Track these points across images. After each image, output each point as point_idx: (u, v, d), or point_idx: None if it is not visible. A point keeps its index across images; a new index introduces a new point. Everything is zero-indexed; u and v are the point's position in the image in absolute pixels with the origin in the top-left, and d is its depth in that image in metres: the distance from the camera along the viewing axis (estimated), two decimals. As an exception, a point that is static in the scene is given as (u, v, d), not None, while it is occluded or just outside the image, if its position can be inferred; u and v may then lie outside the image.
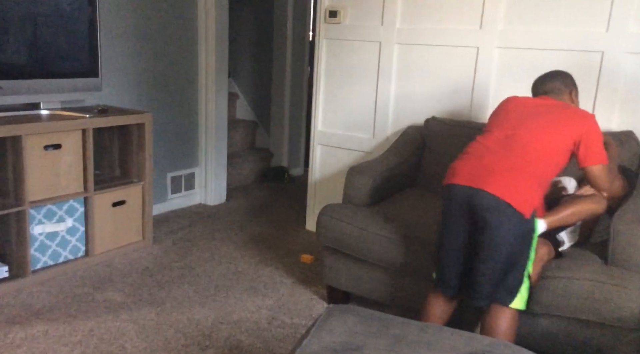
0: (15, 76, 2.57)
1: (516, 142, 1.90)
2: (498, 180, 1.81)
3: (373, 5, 3.10)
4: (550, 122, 1.93)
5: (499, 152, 1.89)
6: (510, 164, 1.85)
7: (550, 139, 1.90)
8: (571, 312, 1.92)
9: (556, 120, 1.93)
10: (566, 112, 1.97)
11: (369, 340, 1.39)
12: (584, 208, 1.98)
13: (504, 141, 1.92)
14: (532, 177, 1.85)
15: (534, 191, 1.85)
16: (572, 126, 1.92)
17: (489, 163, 1.87)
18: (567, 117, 1.95)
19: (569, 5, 2.58)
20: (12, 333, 2.19)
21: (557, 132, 1.91)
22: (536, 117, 1.96)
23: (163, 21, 3.52)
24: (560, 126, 1.92)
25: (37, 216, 2.62)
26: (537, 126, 1.93)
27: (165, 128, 3.65)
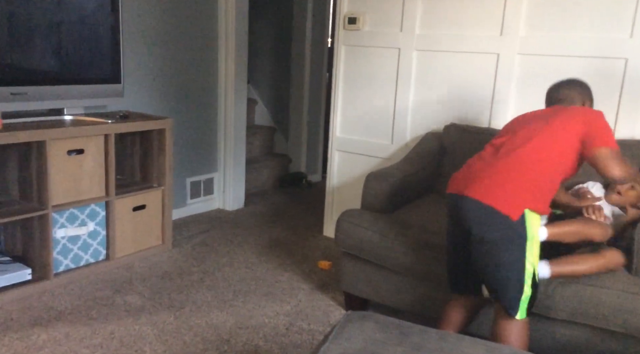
0: (40, 82, 2.62)
1: (506, 148, 1.82)
2: (480, 184, 1.74)
3: (392, 12, 3.10)
4: (547, 124, 1.81)
5: (487, 159, 1.84)
6: (496, 169, 1.77)
7: (547, 139, 1.78)
8: (598, 321, 1.89)
9: (554, 120, 1.81)
10: (568, 112, 1.85)
11: (387, 348, 1.38)
12: (587, 231, 1.91)
13: (496, 148, 1.86)
14: (521, 178, 1.73)
15: (525, 191, 1.72)
16: (574, 124, 1.78)
17: (476, 170, 1.82)
18: (570, 117, 1.81)
19: (592, 11, 2.55)
20: (34, 335, 2.22)
21: (554, 131, 1.78)
22: (532, 123, 1.86)
23: (184, 28, 3.56)
24: (558, 123, 1.80)
25: (60, 219, 2.66)
26: (530, 130, 1.83)
27: (185, 133, 3.69)
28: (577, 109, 1.89)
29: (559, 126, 1.80)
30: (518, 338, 1.76)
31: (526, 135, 1.82)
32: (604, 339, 1.92)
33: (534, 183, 1.75)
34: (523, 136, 1.83)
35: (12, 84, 2.51)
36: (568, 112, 1.86)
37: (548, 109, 1.98)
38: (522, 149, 1.78)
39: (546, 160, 1.77)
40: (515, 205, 1.69)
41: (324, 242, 3.43)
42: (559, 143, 1.78)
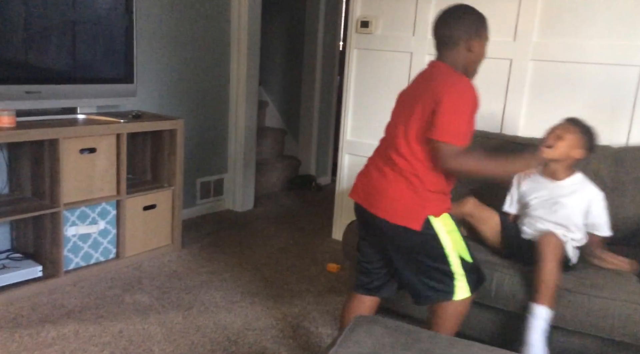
0: (54, 81, 2.65)
1: (393, 149, 1.74)
2: (383, 202, 1.74)
3: (405, 16, 3.10)
4: (420, 107, 1.68)
5: (380, 166, 1.78)
6: (390, 181, 1.73)
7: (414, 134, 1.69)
8: (607, 332, 1.87)
9: (424, 101, 1.67)
10: (433, 87, 1.67)
11: (395, 352, 1.38)
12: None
13: (384, 150, 1.80)
14: (415, 185, 1.69)
15: (421, 198, 1.70)
16: (431, 97, 1.65)
17: (374, 182, 1.78)
18: (433, 91, 1.65)
19: (607, 18, 2.54)
20: (44, 332, 2.24)
21: (418, 118, 1.68)
22: (410, 106, 1.73)
23: (197, 30, 3.58)
24: (427, 106, 1.66)
25: (71, 217, 2.68)
26: (408, 119, 1.71)
27: (196, 134, 3.71)
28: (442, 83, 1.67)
29: (427, 107, 1.66)
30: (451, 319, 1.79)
31: (400, 132, 1.73)
32: (615, 350, 1.90)
33: (425, 186, 1.71)
34: (399, 133, 1.74)
35: (27, 82, 2.54)
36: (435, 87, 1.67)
37: (423, 78, 1.78)
38: (404, 150, 1.70)
39: (422, 158, 1.69)
40: (417, 217, 1.71)
41: (333, 245, 3.43)
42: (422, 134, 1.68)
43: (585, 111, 2.63)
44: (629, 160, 2.41)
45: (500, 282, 2.04)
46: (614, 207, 2.37)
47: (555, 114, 2.71)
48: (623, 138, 2.56)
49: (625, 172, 2.40)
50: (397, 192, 1.72)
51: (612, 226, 2.29)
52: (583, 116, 2.64)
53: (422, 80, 1.79)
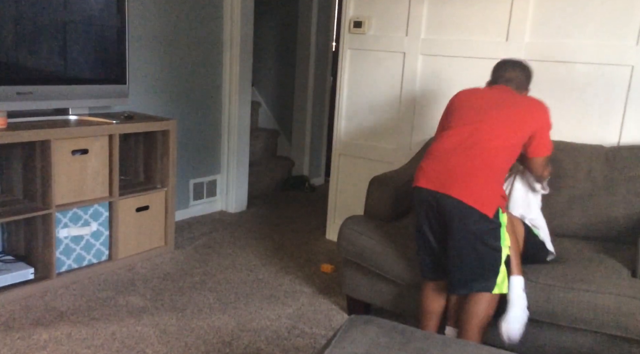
0: (45, 82, 2.63)
1: (478, 141, 1.95)
2: (462, 185, 1.89)
3: (398, 16, 3.10)
4: (510, 117, 1.98)
5: (461, 155, 1.94)
6: (473, 168, 1.91)
7: (509, 135, 1.96)
8: (597, 326, 1.89)
9: (515, 114, 1.99)
10: (525, 104, 2.03)
11: (390, 352, 1.38)
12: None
13: (466, 140, 1.97)
14: (494, 177, 1.92)
15: (496, 189, 1.92)
16: (530, 121, 1.99)
17: (453, 167, 1.93)
18: (526, 111, 2.01)
19: (598, 18, 2.55)
20: (36, 334, 2.22)
21: (515, 128, 1.97)
22: (496, 111, 2.00)
23: (189, 30, 3.57)
24: (518, 120, 1.98)
25: (63, 219, 2.66)
26: (496, 121, 1.97)
27: (189, 135, 3.69)
28: (535, 107, 2.03)
29: (519, 122, 1.98)
30: (485, 311, 1.93)
31: (494, 129, 1.96)
32: (609, 343, 1.91)
33: (499, 181, 1.96)
34: (488, 129, 1.96)
35: (18, 83, 2.52)
36: (527, 107, 2.02)
37: (502, 94, 2.08)
38: (490, 145, 1.93)
39: (508, 158, 1.97)
40: (492, 205, 1.90)
41: (327, 246, 3.42)
42: (516, 139, 1.97)
43: (577, 111, 2.65)
44: (620, 159, 2.43)
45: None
46: (605, 207, 2.38)
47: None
48: (615, 138, 2.58)
49: (616, 172, 2.41)
50: (480, 179, 1.90)
51: (604, 225, 2.33)
52: (575, 115, 2.66)
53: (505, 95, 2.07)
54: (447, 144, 2.00)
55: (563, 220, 2.42)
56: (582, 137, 2.63)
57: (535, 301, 1.96)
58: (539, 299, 1.95)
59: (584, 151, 2.50)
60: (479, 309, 1.93)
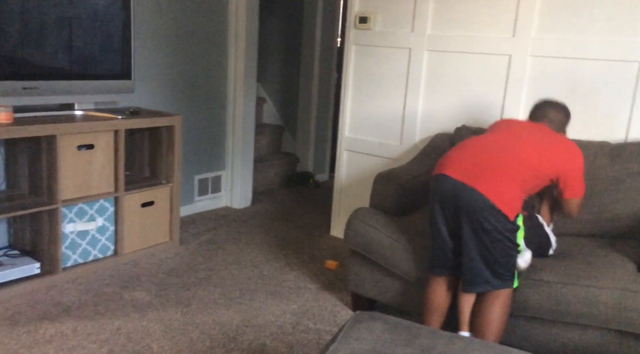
0: (51, 77, 2.63)
1: (512, 146, 1.99)
2: (490, 182, 1.89)
3: (404, 12, 3.09)
4: (544, 145, 2.03)
5: (493, 152, 1.97)
6: (502, 167, 1.92)
7: (540, 159, 1.99)
8: (603, 322, 1.88)
9: (550, 145, 2.04)
10: (561, 143, 2.08)
11: (396, 349, 1.38)
12: None
13: (501, 142, 2.01)
14: (520, 185, 1.92)
15: (520, 195, 1.93)
16: (562, 157, 2.03)
17: (482, 162, 1.94)
18: (561, 148, 2.06)
19: (606, 14, 2.54)
20: (42, 329, 2.23)
21: (548, 156, 2.00)
22: (535, 134, 2.07)
23: (194, 26, 3.56)
24: (551, 151, 2.02)
25: (69, 214, 2.67)
26: (533, 142, 2.02)
27: (194, 131, 3.70)
28: (571, 148, 2.08)
29: (551, 153, 2.02)
30: (503, 309, 1.93)
31: (529, 145, 2.01)
32: (612, 340, 1.91)
33: (523, 190, 1.95)
34: (522, 145, 2.00)
35: (24, 78, 2.52)
36: (563, 145, 2.07)
37: (542, 129, 2.12)
38: (522, 154, 1.97)
39: (533, 177, 1.97)
40: (514, 209, 1.90)
41: (331, 242, 3.42)
42: (544, 168, 1.99)
43: (583, 107, 2.64)
44: (625, 155, 2.42)
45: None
46: (610, 203, 2.37)
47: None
48: (622, 134, 2.56)
49: (621, 168, 2.40)
50: (507, 181, 1.90)
51: (608, 221, 2.33)
52: (582, 112, 2.65)
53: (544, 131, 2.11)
54: (480, 141, 2.03)
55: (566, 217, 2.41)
56: (589, 134, 2.61)
57: (540, 297, 1.96)
58: (544, 295, 1.95)
59: (589, 148, 2.49)
60: (499, 308, 1.92)
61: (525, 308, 1.99)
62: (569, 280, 1.94)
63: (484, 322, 1.94)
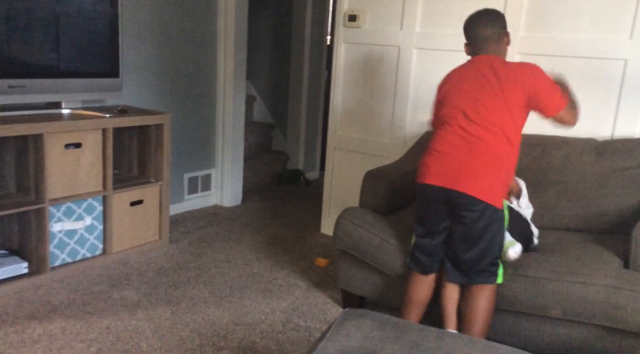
0: (38, 75, 2.61)
1: (475, 134, 1.93)
2: (469, 179, 1.91)
3: (392, 10, 3.09)
4: (497, 95, 1.92)
5: (463, 150, 1.94)
6: (477, 162, 1.92)
7: (503, 112, 1.91)
8: (589, 318, 1.90)
9: (501, 88, 1.92)
10: (508, 75, 1.94)
11: (385, 345, 1.39)
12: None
13: (465, 135, 1.95)
14: (498, 168, 1.93)
15: (502, 180, 1.96)
16: (517, 87, 1.91)
17: (457, 163, 1.94)
18: (510, 80, 1.92)
19: (592, 13, 2.56)
20: (30, 328, 2.22)
21: (506, 102, 1.92)
22: (483, 94, 1.94)
23: (183, 24, 3.55)
24: (506, 93, 1.92)
25: (57, 213, 2.65)
26: (487, 105, 1.93)
27: (183, 129, 3.68)
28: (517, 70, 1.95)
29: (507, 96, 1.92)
30: (489, 302, 1.97)
31: (487, 117, 1.92)
32: (599, 335, 1.93)
33: (507, 169, 1.97)
34: (485, 117, 1.92)
35: (10, 76, 2.50)
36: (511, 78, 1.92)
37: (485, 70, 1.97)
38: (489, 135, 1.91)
39: (511, 139, 1.94)
40: (499, 197, 1.96)
41: (322, 240, 3.43)
42: (513, 115, 1.93)
43: (571, 105, 2.66)
44: (611, 152, 2.44)
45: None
46: (596, 199, 2.40)
47: (541, 108, 2.73)
48: (608, 131, 2.59)
49: (607, 164, 2.43)
50: (487, 171, 1.91)
51: (595, 217, 2.34)
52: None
53: (486, 69, 1.98)
54: (447, 138, 1.99)
55: (554, 213, 2.43)
56: (576, 132, 2.62)
57: (527, 293, 1.97)
58: (530, 291, 1.97)
59: (575, 144, 2.52)
60: (484, 302, 1.96)
61: (513, 304, 2.01)
62: (556, 276, 1.96)
63: (469, 317, 1.97)
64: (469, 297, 1.99)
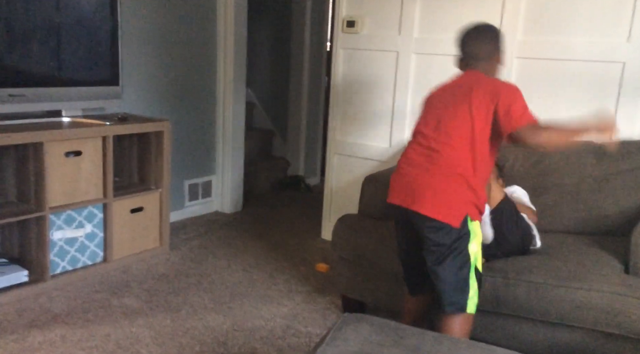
0: (38, 84, 2.63)
1: (434, 148, 1.81)
2: (423, 199, 1.79)
3: (391, 15, 3.11)
4: (463, 106, 1.79)
5: (421, 166, 1.83)
6: (432, 178, 1.80)
7: (465, 123, 1.78)
8: (590, 324, 1.89)
9: (469, 100, 1.78)
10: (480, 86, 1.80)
11: (383, 350, 1.38)
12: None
13: (425, 150, 1.84)
14: (457, 182, 1.78)
15: (464, 196, 1.78)
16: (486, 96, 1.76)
17: (414, 181, 1.83)
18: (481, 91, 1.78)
19: (590, 16, 2.56)
20: (30, 337, 2.21)
21: (468, 111, 1.78)
22: (446, 108, 1.84)
23: (183, 31, 3.57)
24: (473, 101, 1.77)
25: (57, 221, 2.66)
26: (448, 118, 1.81)
27: (183, 136, 3.69)
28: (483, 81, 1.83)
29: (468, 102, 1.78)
30: (463, 329, 1.82)
31: (448, 129, 1.80)
32: (601, 341, 1.92)
33: (471, 184, 1.79)
34: (445, 131, 1.81)
35: (10, 85, 2.51)
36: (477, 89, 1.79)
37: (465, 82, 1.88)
38: (450, 149, 1.79)
39: (475, 152, 1.78)
40: (458, 213, 1.78)
41: (322, 245, 3.42)
42: (481, 133, 1.77)
43: (569, 108, 2.66)
44: (609, 155, 2.44)
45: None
46: (595, 201, 2.40)
47: (539, 111, 2.73)
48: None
49: (606, 167, 2.42)
50: (444, 189, 1.78)
51: (594, 220, 2.33)
52: (567, 113, 2.67)
53: (463, 84, 1.88)
54: (409, 156, 1.90)
55: (553, 216, 2.43)
56: (575, 134, 2.63)
57: (529, 299, 1.96)
58: (532, 297, 1.96)
59: (574, 147, 2.51)
60: (453, 333, 1.80)
61: (514, 308, 2.00)
62: (558, 282, 1.95)
63: None
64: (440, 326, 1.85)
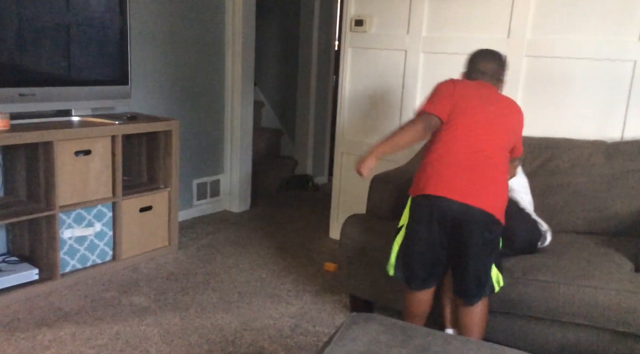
0: (48, 84, 2.64)
1: (484, 149, 1.92)
2: (487, 196, 1.89)
3: (399, 14, 3.10)
4: (501, 120, 1.99)
5: (475, 165, 1.91)
6: (489, 178, 1.91)
7: (503, 138, 1.98)
8: (600, 322, 1.88)
9: (505, 117, 2.00)
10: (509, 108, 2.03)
11: (391, 349, 1.38)
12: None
13: (474, 150, 1.92)
14: (504, 184, 1.96)
15: (506, 196, 1.96)
16: (516, 125, 2.04)
17: (473, 178, 1.89)
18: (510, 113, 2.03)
19: (600, 14, 2.54)
20: (40, 335, 2.23)
21: (508, 131, 2.00)
22: (489, 114, 1.97)
23: (191, 31, 3.58)
24: (509, 123, 2.01)
25: (67, 220, 2.68)
26: (492, 125, 1.97)
27: (192, 135, 3.70)
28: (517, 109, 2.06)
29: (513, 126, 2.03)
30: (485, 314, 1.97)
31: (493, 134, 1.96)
32: (611, 340, 1.91)
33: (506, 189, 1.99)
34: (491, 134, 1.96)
35: (21, 85, 2.53)
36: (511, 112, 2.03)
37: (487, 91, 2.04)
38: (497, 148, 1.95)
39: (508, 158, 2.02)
40: (503, 213, 1.94)
41: (330, 245, 3.42)
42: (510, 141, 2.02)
43: (579, 107, 2.64)
44: (620, 153, 2.42)
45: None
46: (606, 201, 2.38)
47: (549, 110, 2.73)
48: (618, 133, 2.57)
49: (617, 166, 2.41)
50: (498, 186, 1.92)
51: (605, 220, 2.31)
52: (577, 112, 2.65)
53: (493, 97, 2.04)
54: (458, 153, 1.91)
55: (563, 216, 2.42)
56: (585, 134, 2.61)
57: (538, 297, 1.96)
58: (542, 296, 1.95)
59: (584, 147, 2.50)
60: (482, 314, 1.95)
61: (523, 308, 1.99)
62: (567, 280, 1.94)
63: (471, 324, 1.96)
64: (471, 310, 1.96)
